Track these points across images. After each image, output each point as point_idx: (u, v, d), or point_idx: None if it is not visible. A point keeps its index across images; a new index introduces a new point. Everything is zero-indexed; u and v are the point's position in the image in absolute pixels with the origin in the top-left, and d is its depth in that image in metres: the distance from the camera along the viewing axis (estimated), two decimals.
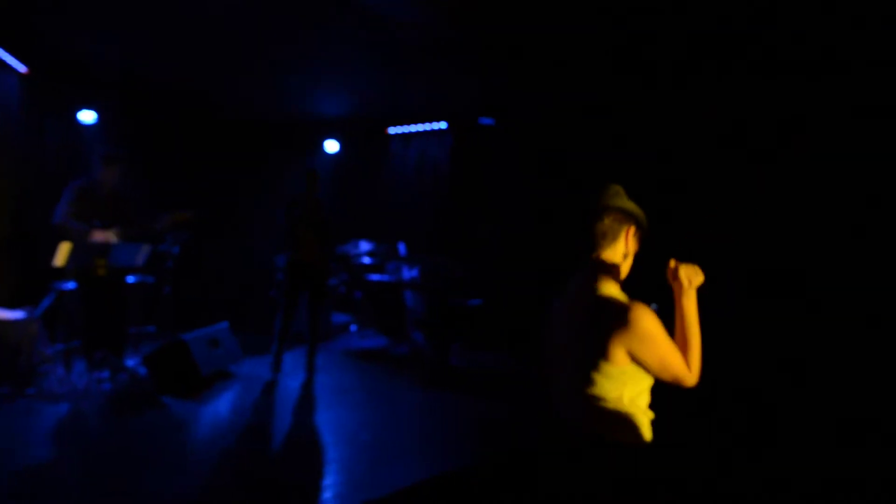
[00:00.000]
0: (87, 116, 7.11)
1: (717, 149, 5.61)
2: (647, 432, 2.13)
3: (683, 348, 2.18)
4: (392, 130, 9.33)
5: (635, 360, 2.03)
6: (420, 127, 8.97)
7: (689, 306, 2.24)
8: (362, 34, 5.34)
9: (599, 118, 6.62)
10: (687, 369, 2.12)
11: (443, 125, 8.68)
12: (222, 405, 5.21)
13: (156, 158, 7.73)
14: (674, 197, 5.60)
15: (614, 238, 2.19)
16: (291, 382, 5.86)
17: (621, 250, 2.20)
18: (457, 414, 5.32)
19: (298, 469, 4.01)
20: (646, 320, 1.98)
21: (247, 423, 4.85)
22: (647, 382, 2.12)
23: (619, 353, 2.01)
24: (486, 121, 7.79)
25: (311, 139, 9.48)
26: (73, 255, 5.13)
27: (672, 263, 2.27)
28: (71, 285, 5.44)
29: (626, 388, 2.08)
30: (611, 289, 2.13)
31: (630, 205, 2.21)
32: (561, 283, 2.30)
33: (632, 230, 2.21)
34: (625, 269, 2.23)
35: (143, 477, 3.79)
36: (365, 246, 8.44)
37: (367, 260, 8.34)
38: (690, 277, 2.23)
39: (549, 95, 6.92)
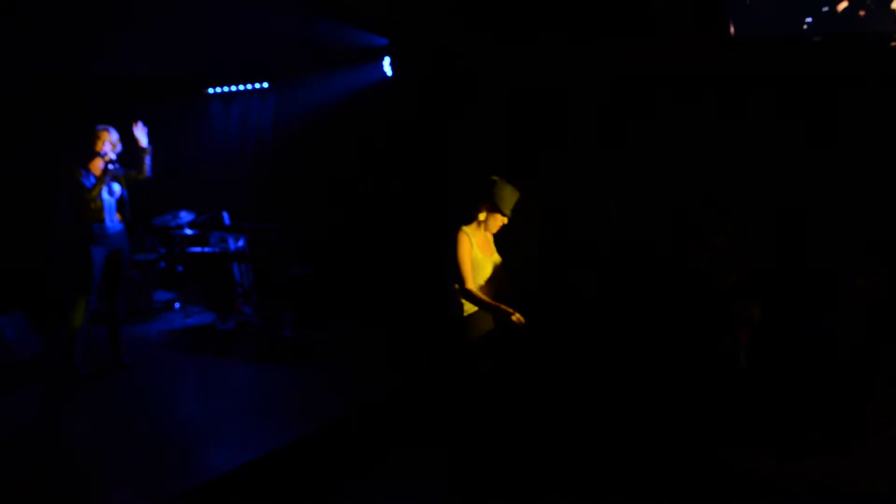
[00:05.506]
0: None
1: None
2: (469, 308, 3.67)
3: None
4: (211, 90, 8.65)
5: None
6: (241, 87, 8.39)
7: None
8: None
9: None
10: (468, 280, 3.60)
11: (265, 85, 8.17)
12: (6, 408, 4.55)
13: None
14: None
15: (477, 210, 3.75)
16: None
17: (481, 217, 3.75)
18: (288, 386, 5.13)
19: (100, 468, 3.63)
20: (454, 245, 3.61)
21: (42, 423, 4.35)
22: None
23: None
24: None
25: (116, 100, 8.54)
26: None
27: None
28: None
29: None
30: (468, 228, 3.70)
31: (497, 192, 3.67)
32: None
33: (486, 206, 3.71)
34: (489, 225, 3.76)
35: None
36: (185, 216, 7.80)
37: (188, 231, 7.73)
38: None
39: None
